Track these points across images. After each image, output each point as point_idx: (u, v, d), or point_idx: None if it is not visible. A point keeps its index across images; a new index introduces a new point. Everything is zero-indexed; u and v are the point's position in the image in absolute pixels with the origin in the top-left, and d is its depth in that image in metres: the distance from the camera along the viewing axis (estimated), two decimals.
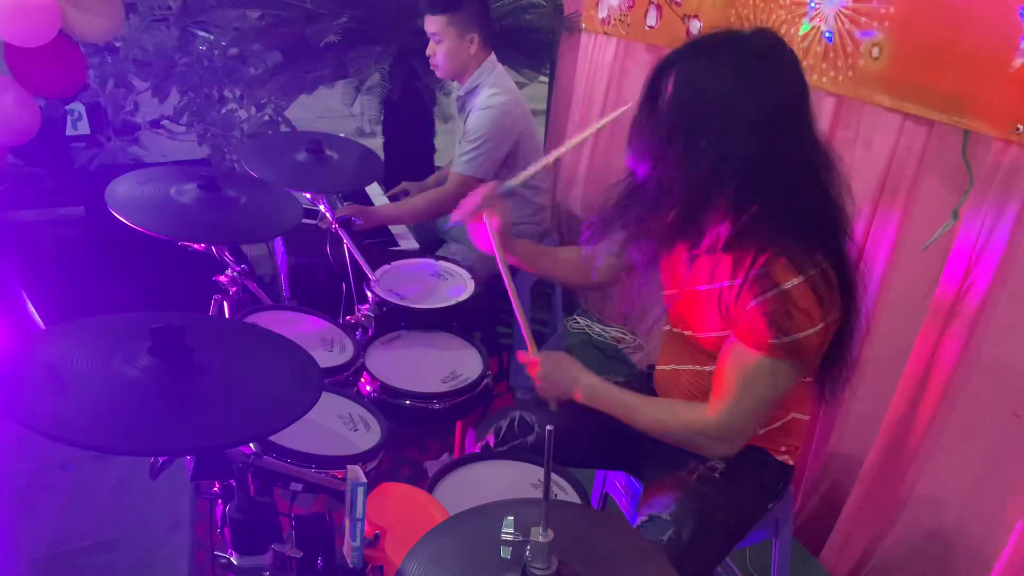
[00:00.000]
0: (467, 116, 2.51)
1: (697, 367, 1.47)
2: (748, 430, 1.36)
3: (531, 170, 1.75)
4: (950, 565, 1.82)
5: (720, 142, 1.22)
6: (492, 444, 1.58)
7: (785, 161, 1.23)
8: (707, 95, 1.22)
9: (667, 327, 1.56)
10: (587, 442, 1.60)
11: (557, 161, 3.39)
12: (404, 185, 2.89)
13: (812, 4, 2.05)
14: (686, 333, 1.48)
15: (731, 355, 1.33)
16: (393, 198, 2.83)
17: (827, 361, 1.38)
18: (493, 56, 2.53)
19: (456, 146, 2.65)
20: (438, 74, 2.58)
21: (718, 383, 1.36)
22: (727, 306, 1.33)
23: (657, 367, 1.61)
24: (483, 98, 2.46)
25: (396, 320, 1.97)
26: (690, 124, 1.23)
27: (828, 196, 1.29)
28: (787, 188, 1.25)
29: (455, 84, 2.66)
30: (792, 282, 1.24)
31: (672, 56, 1.28)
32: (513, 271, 1.59)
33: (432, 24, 2.43)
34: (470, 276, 2.12)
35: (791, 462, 1.52)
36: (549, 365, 1.49)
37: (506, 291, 1.52)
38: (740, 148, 1.21)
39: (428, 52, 2.50)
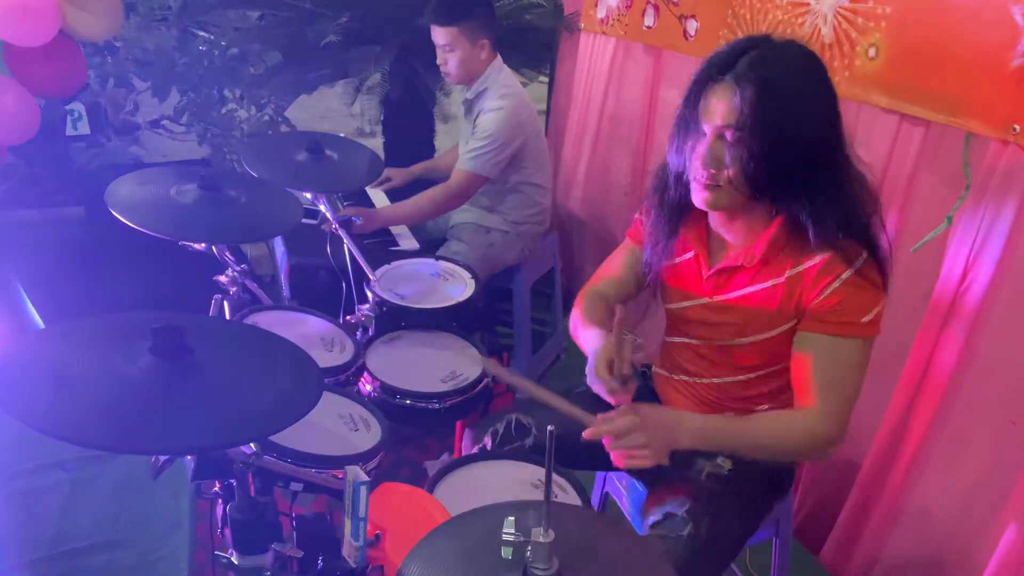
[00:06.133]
0: (476, 118, 2.51)
1: (717, 380, 1.47)
2: (849, 419, 1.35)
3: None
4: (947, 567, 1.83)
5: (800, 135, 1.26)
6: (489, 447, 1.58)
7: (838, 160, 1.30)
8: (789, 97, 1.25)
9: (677, 339, 1.53)
10: (588, 445, 1.59)
11: (557, 161, 3.41)
12: (387, 172, 2.89)
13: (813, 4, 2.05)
14: (709, 343, 1.46)
15: (816, 351, 1.33)
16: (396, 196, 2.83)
17: None
18: (499, 58, 2.55)
19: (461, 146, 2.65)
20: (450, 81, 2.59)
21: (808, 384, 1.33)
22: (793, 301, 1.34)
23: (660, 372, 1.59)
24: (492, 100, 2.47)
25: (396, 320, 1.97)
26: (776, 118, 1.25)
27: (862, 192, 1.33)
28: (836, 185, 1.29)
29: (458, 85, 2.66)
30: (860, 260, 1.29)
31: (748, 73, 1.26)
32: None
33: (443, 35, 2.42)
34: (470, 276, 2.12)
35: None
36: (648, 421, 1.27)
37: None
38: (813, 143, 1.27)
39: (439, 61, 2.49)
